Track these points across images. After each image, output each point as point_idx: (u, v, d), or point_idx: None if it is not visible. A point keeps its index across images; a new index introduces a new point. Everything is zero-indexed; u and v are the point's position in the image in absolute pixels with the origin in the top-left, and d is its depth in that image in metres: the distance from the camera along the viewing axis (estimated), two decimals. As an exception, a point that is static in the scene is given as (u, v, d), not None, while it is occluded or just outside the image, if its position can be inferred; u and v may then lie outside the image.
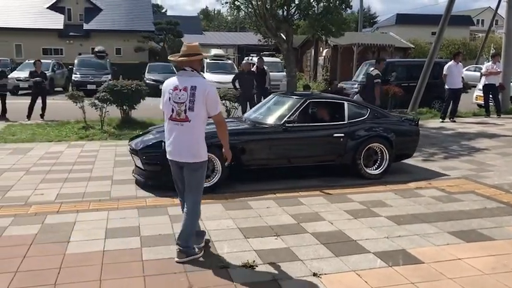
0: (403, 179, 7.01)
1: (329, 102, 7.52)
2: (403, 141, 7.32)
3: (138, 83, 12.06)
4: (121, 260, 4.03)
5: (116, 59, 31.15)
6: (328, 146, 6.93)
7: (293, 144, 6.81)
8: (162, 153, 5.84)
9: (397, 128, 7.31)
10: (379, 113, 7.48)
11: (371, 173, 7.05)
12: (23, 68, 21.22)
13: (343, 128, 6.96)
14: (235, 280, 3.67)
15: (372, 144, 7.05)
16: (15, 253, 4.14)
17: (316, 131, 7.03)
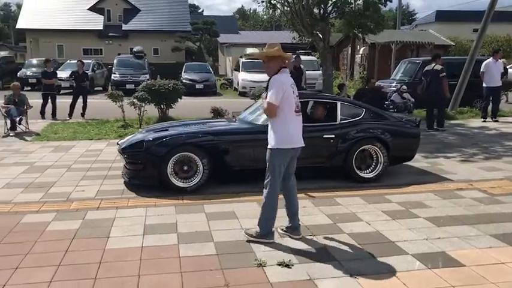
0: (442, 180, 6.84)
1: (321, 102, 7.19)
2: (401, 143, 6.94)
3: (175, 83, 12.24)
4: (159, 256, 4.09)
5: (154, 59, 31.75)
6: (317, 147, 6.55)
7: None
8: (144, 153, 6.11)
9: (394, 130, 6.91)
10: (375, 114, 7.10)
11: (364, 176, 6.72)
12: (65, 68, 21.91)
13: (334, 129, 6.64)
14: (271, 279, 3.67)
15: (365, 146, 6.71)
16: (57, 247, 4.28)
17: (307, 132, 6.79)
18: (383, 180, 6.79)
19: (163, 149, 6.08)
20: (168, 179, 6.08)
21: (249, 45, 32.20)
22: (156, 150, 6.10)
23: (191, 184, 6.16)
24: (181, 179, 6.15)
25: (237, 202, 5.69)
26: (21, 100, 11.30)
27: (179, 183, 6.14)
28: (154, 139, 6.28)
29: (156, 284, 3.57)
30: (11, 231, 4.69)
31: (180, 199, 5.81)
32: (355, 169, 6.70)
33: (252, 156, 6.30)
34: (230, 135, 6.50)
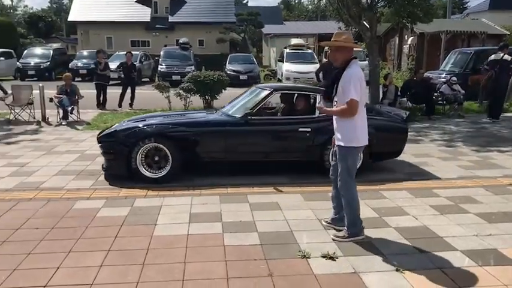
0: (493, 175, 6.58)
1: (299, 95, 6.93)
2: (385, 138, 6.50)
3: (220, 74, 12.35)
4: (204, 244, 4.16)
5: (199, 50, 32.10)
6: (292, 141, 6.37)
7: (254, 138, 6.38)
8: (115, 142, 6.16)
9: (377, 124, 6.40)
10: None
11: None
12: (114, 59, 22.47)
13: (311, 123, 6.36)
14: (315, 270, 3.66)
15: None
16: (107, 233, 4.43)
17: (280, 125, 6.57)
18: (429, 174, 6.61)
19: (133, 139, 6.11)
20: (137, 169, 6.11)
21: (294, 35, 31.97)
22: (126, 140, 6.14)
23: (160, 175, 6.15)
24: (152, 169, 6.15)
25: (280, 193, 5.69)
26: (73, 90, 11.71)
27: (147, 173, 6.14)
28: (125, 129, 6.36)
29: (201, 271, 3.63)
30: (64, 216, 4.89)
31: (225, 189, 5.88)
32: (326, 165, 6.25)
33: (224, 148, 6.29)
34: (201, 126, 6.45)
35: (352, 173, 4.23)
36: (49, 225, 4.60)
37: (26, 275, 3.58)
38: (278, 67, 24.86)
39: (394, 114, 7.05)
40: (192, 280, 3.49)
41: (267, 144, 6.43)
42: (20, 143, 8.80)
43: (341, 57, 4.16)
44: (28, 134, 9.81)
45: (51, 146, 8.62)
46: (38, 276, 3.55)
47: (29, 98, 11.55)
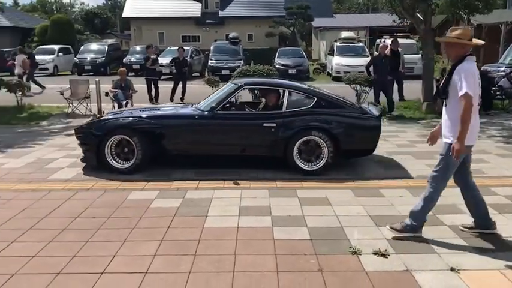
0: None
1: (268, 89, 6.92)
2: (355, 135, 6.35)
3: (269, 68, 12.36)
4: (254, 237, 4.19)
5: (248, 44, 32.22)
6: (257, 136, 6.30)
7: (219, 132, 6.42)
8: (88, 134, 6.52)
9: (346, 121, 6.31)
10: (329, 103, 6.51)
11: (306, 169, 6.25)
12: (165, 54, 22.97)
13: (277, 118, 6.29)
14: (366, 267, 3.61)
15: (308, 137, 6.22)
16: (160, 223, 4.55)
17: (246, 119, 6.55)
18: (486, 171, 6.35)
19: (101, 131, 6.36)
20: (106, 160, 6.32)
21: (344, 28, 31.45)
22: (96, 132, 6.40)
23: (127, 166, 6.33)
24: (122, 160, 6.36)
25: (330, 189, 5.64)
26: (127, 85, 12.06)
27: (115, 163, 6.35)
28: (97, 122, 6.68)
29: (251, 264, 3.67)
30: (119, 206, 5.07)
31: (274, 182, 5.89)
32: (295, 161, 6.27)
33: (190, 142, 6.41)
34: (167, 119, 6.56)
35: (450, 171, 4.09)
36: (105, 215, 4.78)
37: (84, 262, 3.75)
38: (328, 61, 24.57)
39: (369, 111, 6.76)
40: (243, 272, 3.54)
41: (232, 138, 6.42)
42: (78, 135, 9.17)
43: (453, 53, 4.03)
44: (85, 126, 10.22)
45: (107, 138, 8.92)
46: (95, 263, 3.71)
47: (85, 92, 12.01)
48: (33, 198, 5.35)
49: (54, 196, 5.42)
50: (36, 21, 41.82)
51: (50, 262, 3.73)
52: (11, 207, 5.04)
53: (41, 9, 64.09)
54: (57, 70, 25.87)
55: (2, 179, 6.16)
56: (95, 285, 3.37)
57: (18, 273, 3.56)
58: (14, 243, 4.10)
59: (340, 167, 6.49)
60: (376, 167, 6.71)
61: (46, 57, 25.72)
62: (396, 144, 8.31)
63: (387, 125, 10.39)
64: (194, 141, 6.44)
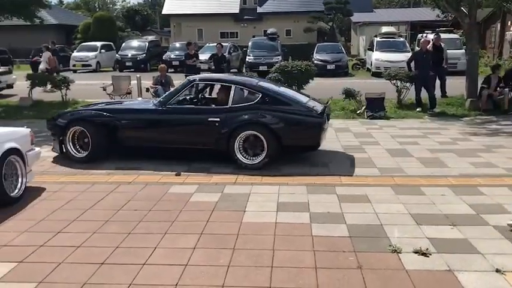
0: None
1: (217, 85, 7.25)
2: (295, 131, 6.41)
3: (308, 64, 12.27)
4: (292, 233, 4.20)
5: (286, 40, 32.07)
6: (203, 130, 6.51)
7: (169, 125, 6.72)
8: (54, 125, 6.97)
9: (287, 117, 6.38)
10: (273, 99, 6.56)
11: (247, 163, 6.35)
12: (204, 51, 23.17)
13: (222, 113, 6.50)
14: (406, 266, 3.55)
15: (249, 131, 6.34)
16: (200, 217, 4.62)
17: (193, 114, 6.76)
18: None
19: (64, 123, 6.83)
20: (67, 150, 6.81)
21: (384, 23, 30.88)
22: (59, 123, 6.89)
23: (81, 155, 6.78)
24: (82, 150, 6.78)
25: (370, 186, 5.57)
26: (167, 81, 12.25)
27: (72, 152, 6.81)
28: (62, 114, 7.21)
29: (290, 259, 3.68)
30: (160, 199, 5.17)
31: (312, 179, 5.87)
32: (236, 155, 6.38)
33: (141, 135, 6.77)
34: (122, 113, 6.95)
35: None
36: (147, 208, 4.90)
37: (127, 253, 3.85)
38: (367, 56, 24.19)
39: (314, 106, 6.70)
40: (281, 267, 3.55)
41: (179, 132, 6.71)
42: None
43: None
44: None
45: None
46: (137, 255, 3.80)
47: (127, 88, 12.30)
48: (78, 190, 5.54)
49: (98, 189, 5.59)
50: (80, 18, 43.07)
51: (95, 252, 3.86)
52: (57, 199, 5.24)
53: (84, 7, 65.90)
54: (100, 66, 26.57)
55: (49, 172, 6.40)
56: (137, 276, 3.46)
57: (64, 262, 3.69)
58: (60, 234, 4.26)
59: (374, 166, 6.40)
60: (417, 164, 6.57)
61: (89, 53, 26.49)
62: (438, 141, 8.12)
63: (428, 122, 10.17)
64: (146, 134, 6.82)
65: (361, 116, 10.79)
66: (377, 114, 10.60)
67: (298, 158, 6.92)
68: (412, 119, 10.56)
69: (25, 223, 4.51)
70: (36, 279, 3.41)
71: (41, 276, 3.46)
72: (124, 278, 3.43)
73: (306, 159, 6.84)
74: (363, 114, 10.82)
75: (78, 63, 26.15)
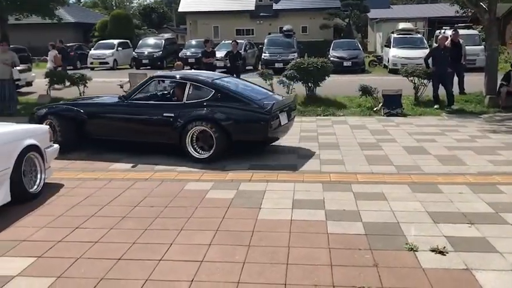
0: None
1: (174, 82, 7.59)
2: (243, 127, 6.65)
3: (324, 60, 12.21)
4: (307, 231, 4.19)
5: (302, 37, 32.00)
6: (159, 125, 6.85)
7: (130, 120, 7.05)
8: (32, 117, 7.51)
9: (235, 114, 6.63)
10: (225, 96, 6.83)
11: (197, 157, 6.68)
12: (220, 48, 23.21)
13: (176, 109, 6.84)
14: (423, 264, 3.52)
15: (199, 127, 6.63)
16: (215, 214, 4.64)
17: (151, 109, 7.06)
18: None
19: (38, 116, 7.36)
20: None
21: (402, 19, 30.54)
22: (36, 116, 7.41)
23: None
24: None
25: (386, 184, 5.53)
26: (183, 78, 12.31)
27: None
28: (38, 108, 7.72)
29: (305, 257, 3.67)
30: (176, 196, 5.21)
31: (327, 176, 5.85)
32: (187, 148, 6.69)
33: (107, 128, 7.14)
34: (89, 107, 7.44)
35: None
36: (163, 204, 4.94)
37: (143, 249, 3.89)
38: (384, 53, 23.98)
39: (265, 103, 6.73)
40: (296, 264, 3.55)
41: (138, 126, 7.02)
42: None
43: None
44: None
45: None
46: (154, 250, 3.84)
47: (144, 85, 12.37)
48: (96, 186, 5.60)
49: (115, 185, 5.65)
50: (97, 16, 43.48)
51: (112, 248, 3.90)
52: (75, 195, 5.31)
53: (102, 5, 66.48)
54: (117, 64, 26.82)
55: (67, 168, 6.49)
56: (154, 271, 3.49)
57: (82, 257, 3.74)
58: (78, 229, 4.32)
59: (390, 163, 6.35)
60: (434, 162, 6.51)
61: (106, 51, 26.75)
62: (455, 139, 8.02)
63: (446, 119, 10.05)
64: (109, 127, 7.19)
65: (377, 113, 10.71)
66: (394, 112, 10.52)
67: (312, 156, 6.91)
68: (430, 116, 10.44)
69: (44, 219, 4.59)
70: (54, 274, 3.47)
71: (59, 271, 3.51)
72: (140, 273, 3.47)
73: (320, 156, 6.82)
74: (380, 111, 10.74)
75: (95, 60, 26.44)
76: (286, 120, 7.10)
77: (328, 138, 8.25)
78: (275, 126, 6.74)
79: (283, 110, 7.03)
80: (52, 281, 3.38)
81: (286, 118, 7.09)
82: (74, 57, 27.47)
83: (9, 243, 4.01)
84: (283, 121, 6.96)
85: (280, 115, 6.85)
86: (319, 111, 10.99)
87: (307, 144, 7.74)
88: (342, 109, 11.31)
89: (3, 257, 3.76)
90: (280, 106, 6.95)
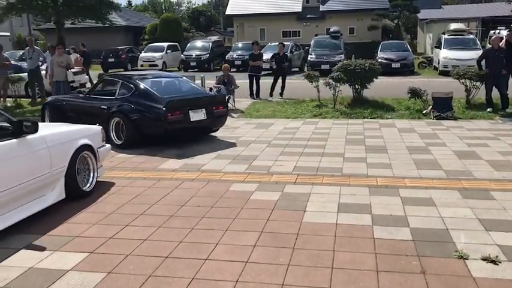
0: None
1: (111, 80, 9.15)
2: (145, 121, 7.68)
3: (372, 62, 12.02)
4: (352, 235, 4.15)
5: (349, 38, 31.61)
6: (98, 115, 8.12)
7: (85, 110, 8.61)
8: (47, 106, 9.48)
9: (140, 109, 7.71)
10: (141, 93, 7.95)
11: (116, 143, 7.82)
12: (266, 50, 23.28)
13: (109, 102, 8.19)
14: (473, 273, 3.41)
15: (116, 118, 7.89)
16: (260, 215, 4.68)
17: (96, 101, 8.52)
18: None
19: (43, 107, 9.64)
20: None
21: (453, 20, 29.61)
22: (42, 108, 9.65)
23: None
24: None
25: (435, 189, 5.39)
26: (230, 80, 12.48)
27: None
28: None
29: (350, 261, 3.64)
30: (222, 196, 5.29)
31: (374, 180, 5.77)
32: (110, 135, 7.82)
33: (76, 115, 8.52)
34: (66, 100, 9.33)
35: None
36: (209, 204, 5.02)
37: (190, 248, 3.97)
38: (435, 54, 23.32)
39: (167, 99, 7.63)
40: (341, 269, 3.52)
41: (88, 115, 8.34)
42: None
43: None
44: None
45: (210, 131, 9.33)
46: (200, 250, 3.91)
47: (191, 87, 12.60)
48: (145, 185, 5.77)
49: (163, 184, 5.80)
50: (147, 20, 44.69)
51: (160, 246, 4.01)
52: (125, 193, 5.49)
53: (152, 8, 68.28)
54: (166, 66, 27.45)
55: (118, 167, 6.71)
56: (200, 271, 3.56)
57: (131, 254, 3.87)
58: (127, 227, 4.47)
59: (440, 168, 6.17)
60: (487, 167, 6.27)
61: (156, 54, 27.45)
62: (510, 143, 7.69)
63: (500, 123, 9.66)
64: (76, 114, 8.61)
65: (427, 116, 10.44)
66: (444, 115, 10.22)
67: (359, 159, 6.82)
68: (482, 120, 10.07)
69: (96, 216, 4.77)
70: (105, 270, 3.61)
71: (110, 267, 3.64)
72: (187, 272, 3.55)
73: (367, 160, 6.73)
74: (429, 114, 10.46)
75: (145, 63, 27.15)
76: (202, 117, 7.98)
77: (376, 141, 8.13)
78: (177, 121, 7.61)
79: (198, 107, 7.96)
80: (103, 276, 3.52)
81: (203, 115, 7.99)
82: (125, 60, 28.39)
83: (63, 239, 4.20)
84: (195, 117, 7.87)
85: (190, 111, 7.78)
86: (366, 114, 10.83)
87: (353, 147, 7.66)
88: (390, 112, 11.10)
89: (58, 252, 3.94)
90: (192, 103, 7.97)
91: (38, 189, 4.68)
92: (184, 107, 7.70)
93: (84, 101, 8.83)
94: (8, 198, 4.24)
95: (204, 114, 7.98)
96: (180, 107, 7.66)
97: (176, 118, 7.56)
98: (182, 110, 7.64)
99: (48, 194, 4.86)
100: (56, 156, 4.88)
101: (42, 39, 38.84)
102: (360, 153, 7.23)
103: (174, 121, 7.55)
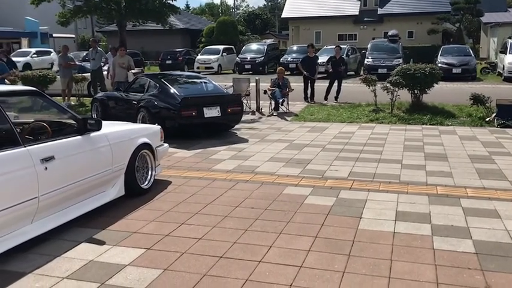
0: None
1: (143, 79, 9.95)
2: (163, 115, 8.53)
3: (432, 67, 11.63)
4: (411, 245, 4.01)
5: (408, 42, 30.86)
6: (131, 108, 9.22)
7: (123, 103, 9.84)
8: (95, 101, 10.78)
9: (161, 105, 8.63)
10: (163, 92, 8.86)
11: None
12: (321, 53, 23.12)
13: (139, 98, 9.13)
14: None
15: (142, 113, 8.80)
16: (314, 220, 4.61)
17: (129, 97, 9.61)
18: None
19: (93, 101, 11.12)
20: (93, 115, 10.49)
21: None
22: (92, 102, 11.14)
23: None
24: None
25: (500, 200, 5.12)
26: (284, 84, 12.45)
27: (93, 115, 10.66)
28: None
29: (409, 272, 3.51)
30: (275, 199, 5.27)
31: (434, 189, 5.56)
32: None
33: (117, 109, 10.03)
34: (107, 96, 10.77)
35: None
36: (262, 206, 5.02)
37: (243, 249, 3.98)
38: (499, 59, 22.27)
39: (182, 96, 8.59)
40: (400, 279, 3.40)
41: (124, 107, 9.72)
42: (240, 130, 9.76)
43: None
44: (245, 122, 10.75)
45: (264, 134, 9.36)
46: (254, 252, 3.91)
47: (247, 90, 12.70)
48: (200, 185, 5.85)
49: (218, 185, 5.86)
50: (204, 23, 45.55)
51: (214, 246, 4.04)
52: (181, 192, 5.59)
53: (209, 12, 69.52)
54: (221, 69, 27.87)
55: (174, 166, 6.85)
56: (254, 272, 3.55)
57: (186, 252, 3.92)
58: (183, 225, 4.54)
59: (505, 178, 5.86)
60: None
61: (211, 56, 27.92)
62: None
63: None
64: (116, 108, 9.99)
65: (490, 124, 9.97)
66: (509, 123, 9.71)
67: (418, 166, 6.60)
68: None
69: (153, 213, 4.88)
70: (161, 266, 3.67)
71: (166, 264, 3.71)
72: (241, 273, 3.55)
73: (426, 167, 6.50)
74: (493, 122, 9.98)
75: (201, 65, 27.68)
76: (216, 114, 8.66)
77: (435, 148, 7.84)
78: (191, 116, 8.37)
79: (213, 104, 8.64)
80: (159, 272, 3.58)
81: (217, 112, 8.66)
82: (182, 62, 29.06)
83: (122, 234, 4.33)
84: (209, 114, 8.57)
85: (205, 108, 8.50)
86: (425, 120, 10.49)
87: (411, 153, 7.43)
88: (451, 118, 10.68)
89: (117, 246, 4.06)
90: (207, 101, 8.70)
91: (99, 184, 4.86)
92: (198, 104, 8.50)
93: (122, 96, 9.93)
94: (72, 192, 4.42)
95: (218, 111, 8.69)
96: (195, 104, 8.49)
97: (189, 113, 8.39)
98: (196, 107, 8.45)
99: (109, 190, 5.03)
100: (117, 154, 5.04)
101: (104, 41, 40.46)
102: (419, 160, 7.00)
103: (187, 116, 8.38)
